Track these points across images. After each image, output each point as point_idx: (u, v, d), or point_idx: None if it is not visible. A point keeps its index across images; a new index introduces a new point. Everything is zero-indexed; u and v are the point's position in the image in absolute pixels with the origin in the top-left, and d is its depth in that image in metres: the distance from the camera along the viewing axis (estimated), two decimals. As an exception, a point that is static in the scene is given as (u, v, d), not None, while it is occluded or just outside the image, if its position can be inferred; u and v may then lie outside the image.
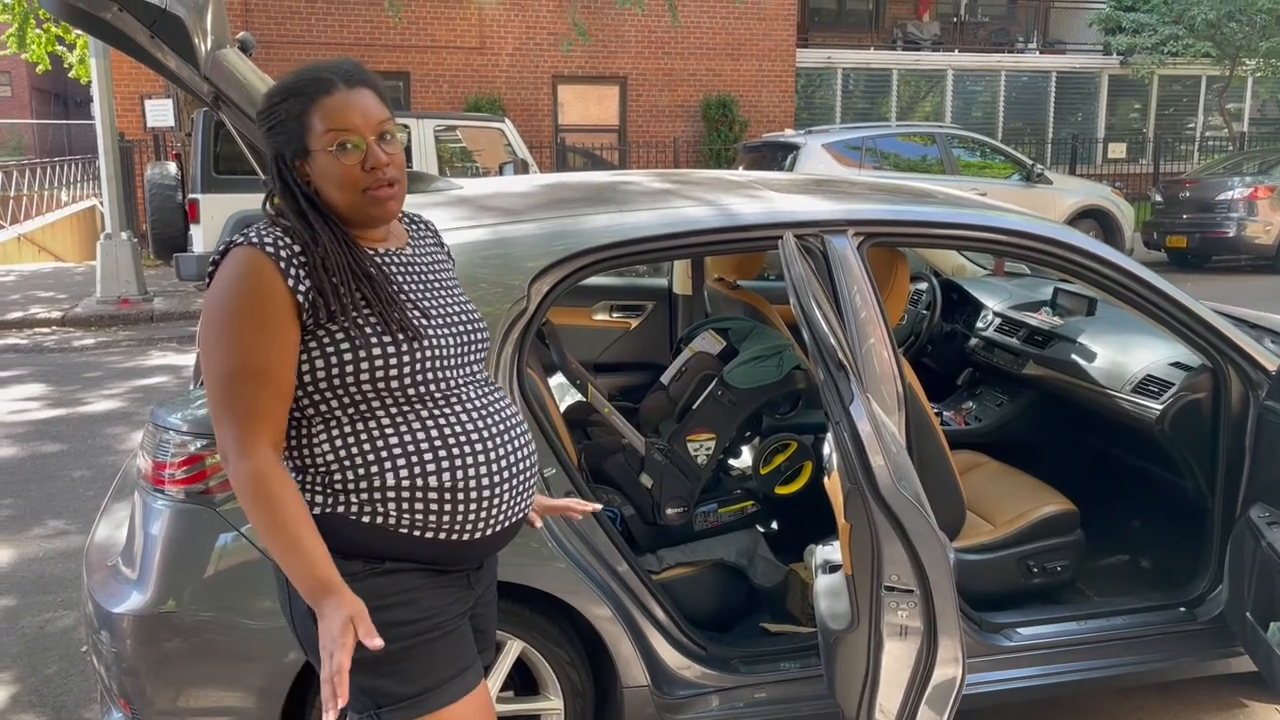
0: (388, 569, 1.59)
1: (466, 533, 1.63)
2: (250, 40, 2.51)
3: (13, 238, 15.80)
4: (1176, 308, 2.74)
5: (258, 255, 1.54)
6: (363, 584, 1.57)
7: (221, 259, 1.57)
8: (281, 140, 1.60)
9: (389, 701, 1.60)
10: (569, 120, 16.70)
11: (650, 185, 2.92)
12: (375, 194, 1.59)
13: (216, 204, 9.42)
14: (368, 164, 1.57)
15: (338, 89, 1.57)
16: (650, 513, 2.96)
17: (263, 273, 1.53)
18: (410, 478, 1.58)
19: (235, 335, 1.52)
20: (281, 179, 1.61)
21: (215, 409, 1.54)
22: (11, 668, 3.33)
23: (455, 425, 1.62)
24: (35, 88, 32.99)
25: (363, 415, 1.59)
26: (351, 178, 1.57)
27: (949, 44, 19.32)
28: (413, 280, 1.68)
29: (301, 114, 1.57)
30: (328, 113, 1.56)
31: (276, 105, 1.59)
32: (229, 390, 1.53)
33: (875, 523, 2.02)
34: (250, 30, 12.54)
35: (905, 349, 4.03)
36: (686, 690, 2.47)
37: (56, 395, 6.92)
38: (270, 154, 1.62)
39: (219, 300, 1.54)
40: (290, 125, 1.58)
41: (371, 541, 1.58)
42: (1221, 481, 2.82)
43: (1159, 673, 2.81)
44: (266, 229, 1.58)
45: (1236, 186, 12.09)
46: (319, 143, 1.56)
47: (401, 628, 1.58)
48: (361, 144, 1.57)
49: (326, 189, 1.59)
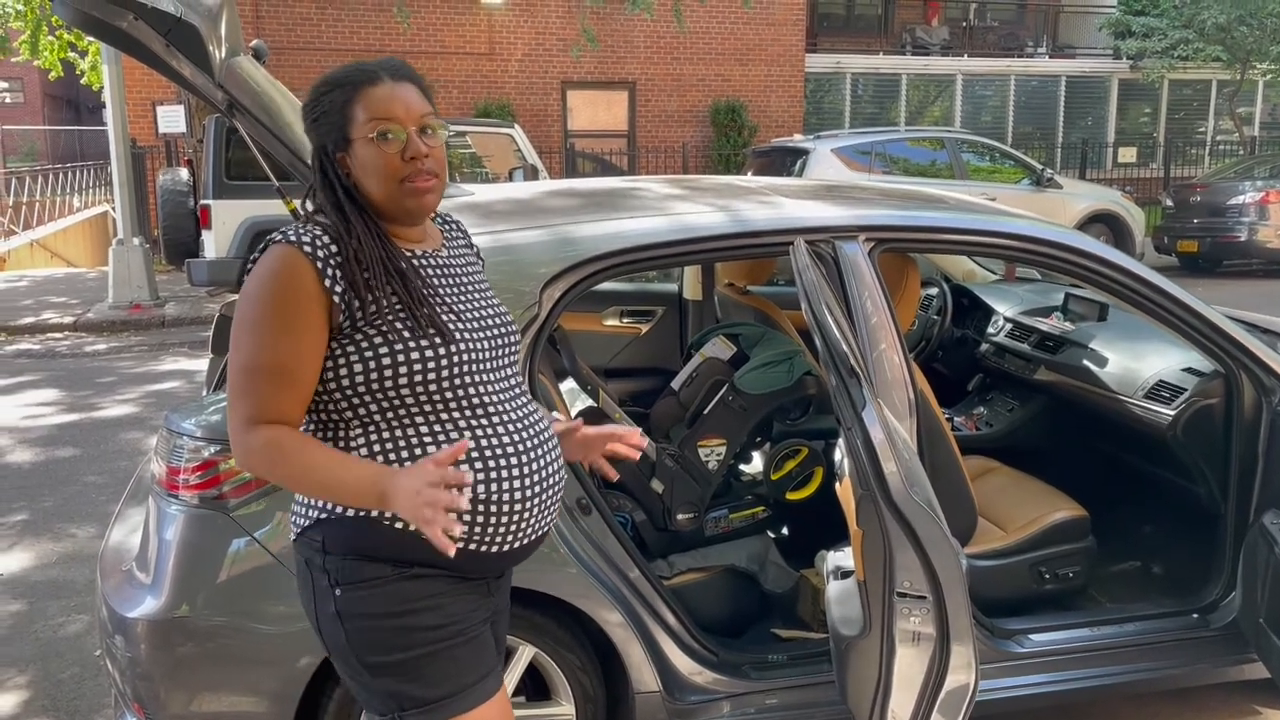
0: (415, 574, 1.60)
1: (495, 544, 1.64)
2: (264, 48, 2.53)
3: (25, 243, 15.87)
4: (1188, 313, 2.73)
5: (294, 253, 1.54)
6: (390, 588, 1.58)
7: (259, 256, 1.57)
8: (324, 131, 1.60)
9: (413, 705, 1.61)
10: (578, 126, 16.73)
11: (660, 191, 2.93)
12: (414, 184, 1.59)
13: (228, 210, 9.46)
14: (408, 153, 1.58)
15: (382, 81, 1.59)
16: (661, 518, 2.96)
17: (298, 270, 1.53)
18: None
19: (263, 330, 1.53)
20: (322, 171, 1.62)
21: (231, 396, 1.55)
22: (26, 672, 3.34)
23: (493, 437, 1.62)
24: (48, 94, 33.18)
25: (400, 420, 1.59)
26: (391, 167, 1.57)
27: (958, 48, 19.29)
28: (448, 283, 1.69)
29: (345, 104, 1.58)
30: (370, 102, 1.58)
31: (321, 97, 1.61)
32: (250, 382, 1.53)
33: (887, 528, 2.02)
34: (261, 37, 12.57)
35: (916, 354, 4.03)
36: (698, 696, 2.47)
37: (69, 400, 6.96)
38: (313, 146, 1.63)
39: (253, 294, 1.55)
40: (333, 116, 1.59)
41: (402, 546, 1.59)
42: (1234, 487, 2.81)
43: (1172, 679, 2.80)
44: (304, 228, 1.58)
45: (1248, 191, 12.05)
46: (360, 131, 1.58)
47: (427, 632, 1.60)
48: (402, 134, 1.58)
49: (366, 180, 1.60)
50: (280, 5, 15.13)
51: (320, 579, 1.61)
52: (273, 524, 2.19)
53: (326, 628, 1.63)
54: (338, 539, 1.60)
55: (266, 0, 15.07)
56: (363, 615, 1.59)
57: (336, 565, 1.60)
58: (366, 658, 1.60)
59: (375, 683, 1.61)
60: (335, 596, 1.59)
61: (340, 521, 1.59)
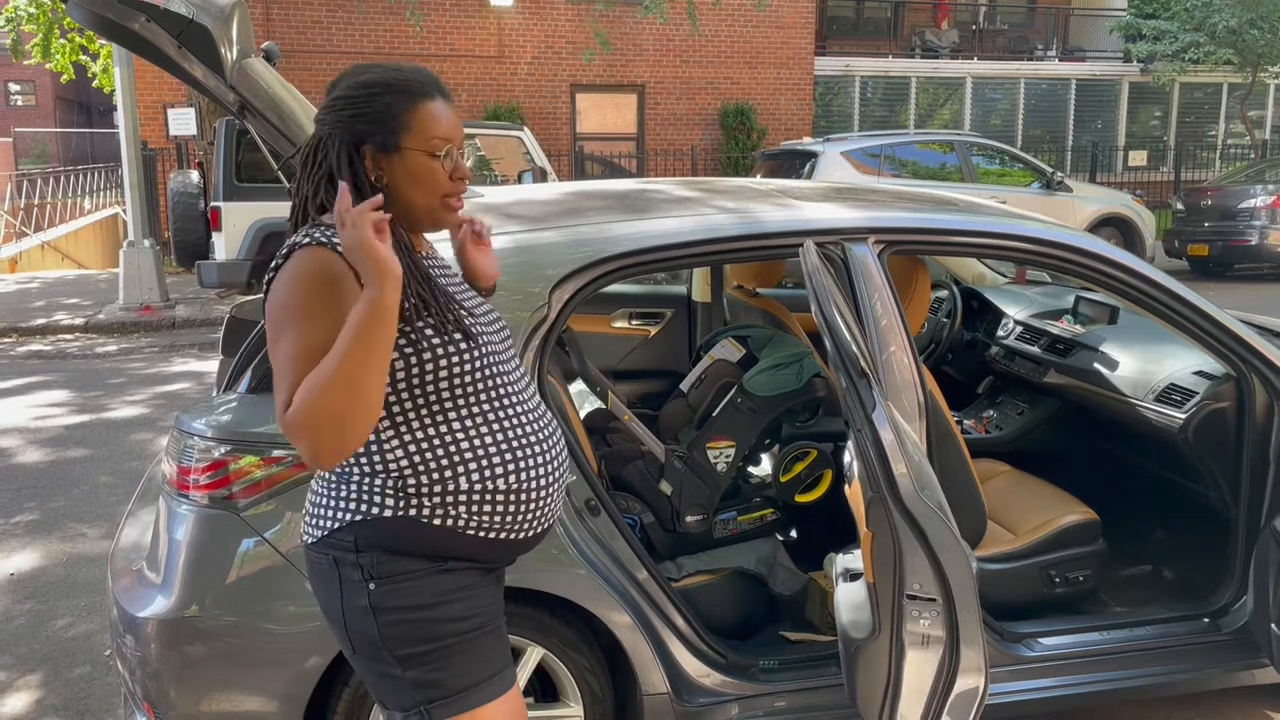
0: (448, 567, 1.64)
1: (520, 531, 1.70)
2: (275, 50, 2.54)
3: (37, 245, 15.96)
4: (1199, 316, 2.72)
5: (328, 253, 1.55)
6: (425, 581, 1.62)
7: (285, 260, 1.56)
8: (367, 129, 1.60)
9: (440, 695, 1.63)
10: (587, 128, 16.76)
11: (669, 192, 2.93)
12: (451, 202, 1.66)
13: (238, 212, 9.51)
14: (456, 174, 1.64)
15: (439, 98, 1.64)
16: (670, 520, 2.96)
17: (335, 267, 1.54)
18: (481, 481, 1.63)
19: (304, 322, 1.50)
20: (351, 167, 1.61)
21: (276, 388, 1.50)
22: (37, 671, 3.36)
23: (518, 427, 1.68)
24: (59, 97, 33.38)
25: (434, 418, 1.62)
26: (441, 183, 1.63)
27: (968, 51, 19.27)
28: (452, 283, 1.74)
29: (404, 111, 1.60)
30: (432, 117, 1.62)
31: (375, 96, 1.60)
32: (293, 367, 1.48)
33: (897, 531, 2.01)
34: (272, 39, 12.64)
35: (926, 357, 4.02)
36: (706, 698, 2.46)
37: (80, 401, 6.99)
38: (345, 139, 1.60)
39: (288, 291, 1.53)
40: (386, 118, 1.60)
41: (439, 542, 1.63)
42: (1246, 491, 2.80)
43: (1183, 684, 2.79)
44: (323, 231, 1.58)
45: (1259, 194, 12.01)
46: (417, 143, 1.60)
47: (458, 622, 1.64)
48: (455, 154, 1.64)
49: (408, 189, 1.62)
50: (291, 8, 15.19)
51: (352, 574, 1.62)
52: (283, 524, 2.20)
53: (355, 622, 1.63)
54: (373, 537, 1.61)
55: (277, 3, 15.13)
56: (396, 609, 1.61)
57: (371, 560, 1.61)
58: (397, 650, 1.62)
59: (405, 674, 1.62)
60: (369, 591, 1.61)
61: (377, 522, 1.61)
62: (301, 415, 1.44)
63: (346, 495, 1.64)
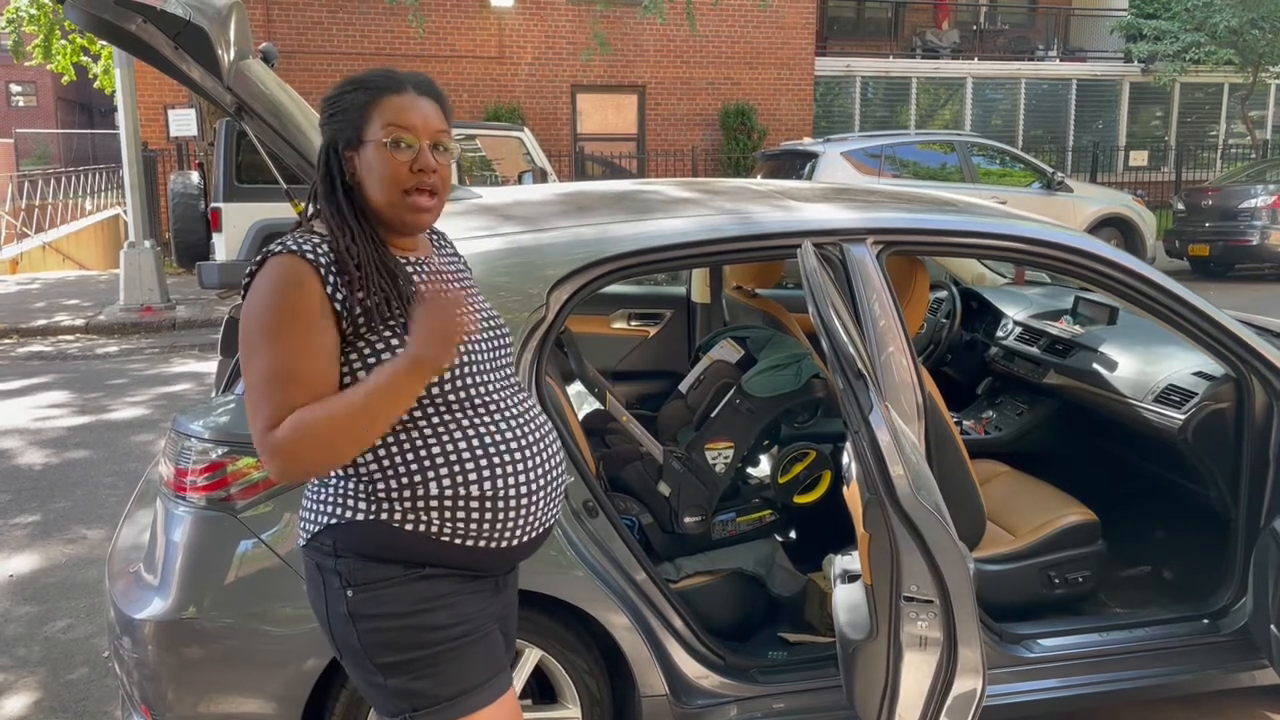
0: (426, 574, 1.62)
1: (504, 540, 1.66)
2: (273, 51, 2.54)
3: (37, 246, 15.98)
4: (1199, 316, 2.72)
5: (298, 262, 1.55)
6: (401, 588, 1.60)
7: (259, 268, 1.57)
8: (338, 127, 1.62)
9: (425, 704, 1.62)
10: (588, 129, 16.76)
11: (668, 193, 2.93)
12: (415, 200, 1.61)
13: (239, 213, 9.51)
14: (416, 165, 1.60)
15: (406, 91, 1.62)
16: (668, 521, 2.96)
17: (302, 278, 1.54)
18: (453, 487, 1.60)
19: (276, 339, 1.52)
20: (327, 166, 1.63)
21: (251, 411, 1.53)
22: (35, 673, 3.36)
23: (495, 434, 1.64)
24: (60, 98, 33.41)
25: (403, 423, 1.60)
26: (398, 175, 1.60)
27: (968, 52, 19.26)
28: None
29: (365, 105, 1.60)
30: (391, 108, 1.60)
31: (344, 94, 1.63)
32: (268, 389, 1.51)
33: (895, 533, 2.01)
34: (272, 40, 12.64)
35: (925, 358, 4.02)
36: (704, 699, 2.46)
37: (80, 402, 6.99)
38: (324, 140, 1.64)
39: (260, 304, 1.54)
40: (351, 114, 1.61)
41: (413, 548, 1.61)
42: (1245, 492, 2.80)
43: (1182, 685, 2.78)
44: (303, 236, 1.59)
45: (1259, 194, 12.01)
46: (374, 134, 1.60)
47: (439, 631, 1.61)
48: (415, 144, 1.60)
49: (370, 183, 1.61)
50: (291, 9, 15.19)
51: (332, 581, 1.62)
52: (280, 526, 2.19)
53: (338, 629, 1.63)
54: (349, 542, 1.61)
55: (277, 4, 15.14)
56: (374, 616, 1.60)
57: (348, 567, 1.61)
58: (378, 658, 1.61)
59: (388, 683, 1.61)
60: (347, 598, 1.60)
61: (351, 525, 1.61)
62: (297, 447, 1.48)
63: (325, 498, 1.65)
